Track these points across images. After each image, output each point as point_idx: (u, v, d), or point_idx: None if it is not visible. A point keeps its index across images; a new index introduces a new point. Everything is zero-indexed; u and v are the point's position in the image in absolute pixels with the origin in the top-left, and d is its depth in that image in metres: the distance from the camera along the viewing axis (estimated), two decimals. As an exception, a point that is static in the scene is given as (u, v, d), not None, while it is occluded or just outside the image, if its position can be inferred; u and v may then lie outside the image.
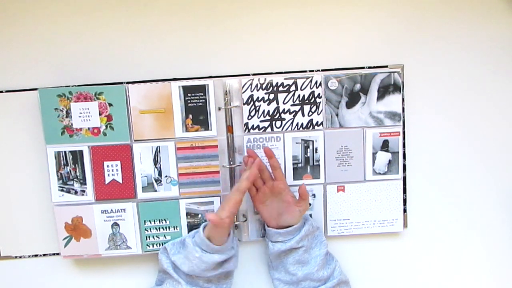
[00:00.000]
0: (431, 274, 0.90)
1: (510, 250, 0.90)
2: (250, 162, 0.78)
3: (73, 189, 0.81)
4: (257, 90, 0.82)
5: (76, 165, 0.81)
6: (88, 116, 0.80)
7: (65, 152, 0.81)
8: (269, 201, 0.81)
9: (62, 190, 0.81)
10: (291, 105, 0.82)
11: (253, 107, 0.82)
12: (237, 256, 0.82)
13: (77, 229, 0.82)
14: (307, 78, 0.82)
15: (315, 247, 0.81)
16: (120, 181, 0.82)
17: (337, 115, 0.83)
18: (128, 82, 0.82)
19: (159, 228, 0.83)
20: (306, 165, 0.84)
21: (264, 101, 0.82)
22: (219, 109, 0.81)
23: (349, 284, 0.83)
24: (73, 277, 0.87)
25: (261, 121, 0.82)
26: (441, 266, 0.90)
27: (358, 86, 0.82)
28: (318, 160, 0.84)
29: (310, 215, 0.85)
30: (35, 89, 0.80)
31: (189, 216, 0.83)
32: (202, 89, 0.80)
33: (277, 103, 0.82)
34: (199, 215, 0.83)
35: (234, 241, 0.81)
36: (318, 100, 0.82)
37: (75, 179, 0.81)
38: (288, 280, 0.81)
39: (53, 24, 0.81)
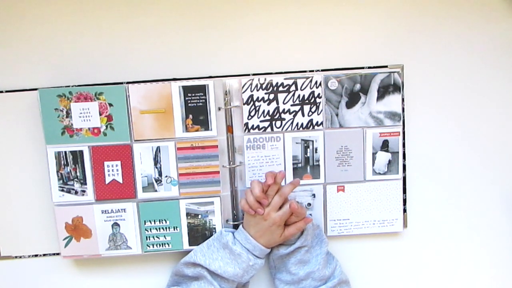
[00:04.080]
0: (431, 274, 0.90)
1: (510, 250, 0.90)
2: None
3: (73, 189, 0.81)
4: (257, 90, 0.82)
5: (77, 165, 0.81)
6: (88, 116, 0.80)
7: (65, 152, 0.81)
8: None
9: (62, 190, 0.81)
10: (291, 105, 0.82)
11: (253, 107, 0.82)
12: None
13: (77, 229, 0.82)
14: (307, 78, 0.82)
15: (316, 245, 0.82)
16: (121, 181, 0.82)
17: (337, 115, 0.83)
18: (128, 82, 0.82)
19: (159, 228, 0.83)
20: (306, 165, 0.84)
21: (264, 101, 0.82)
22: (219, 109, 0.81)
23: (349, 284, 0.84)
24: (73, 277, 0.87)
25: (261, 121, 0.82)
26: (441, 266, 0.90)
27: (358, 86, 0.82)
28: (318, 160, 0.84)
29: (310, 215, 0.85)
30: (35, 89, 0.80)
31: (189, 216, 0.83)
32: (202, 89, 0.80)
33: (277, 103, 0.82)
34: (199, 215, 0.83)
35: None
36: (318, 100, 0.82)
37: (76, 179, 0.81)
38: (289, 280, 0.81)
39: (53, 24, 0.81)
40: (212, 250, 0.79)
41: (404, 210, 0.87)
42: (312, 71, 0.83)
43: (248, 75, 0.83)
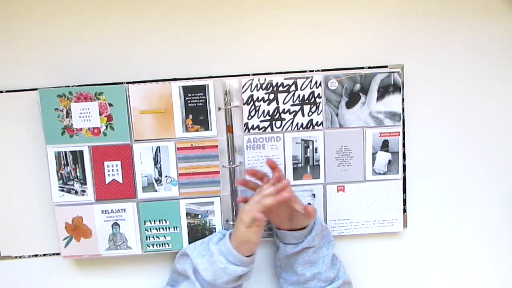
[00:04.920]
0: (431, 274, 0.90)
1: (510, 250, 0.90)
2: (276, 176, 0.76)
3: (73, 189, 0.81)
4: (257, 90, 0.82)
5: (77, 165, 0.81)
6: (88, 116, 0.80)
7: (65, 152, 0.81)
8: (276, 209, 0.77)
9: (62, 190, 0.81)
10: (291, 105, 0.82)
11: (253, 107, 0.82)
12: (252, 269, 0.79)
13: (77, 229, 0.82)
14: (307, 78, 0.82)
15: (323, 246, 0.81)
16: (121, 181, 0.82)
17: (337, 115, 0.83)
18: (128, 82, 0.82)
19: (159, 228, 0.83)
20: (306, 165, 0.84)
21: (264, 101, 0.82)
22: (219, 109, 0.81)
23: (351, 285, 0.83)
24: (73, 277, 0.87)
25: (261, 121, 0.82)
26: (441, 266, 0.90)
27: (358, 86, 0.82)
28: (318, 160, 0.84)
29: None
30: (35, 89, 0.80)
31: (189, 216, 0.83)
32: (202, 89, 0.80)
33: (277, 103, 0.82)
34: (199, 216, 0.83)
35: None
36: (318, 100, 0.82)
37: (76, 179, 0.81)
38: (295, 280, 0.81)
39: (53, 24, 0.81)
40: (203, 247, 0.79)
41: (404, 210, 0.87)
42: (312, 71, 0.83)
43: (248, 75, 0.83)
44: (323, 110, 0.83)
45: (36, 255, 0.86)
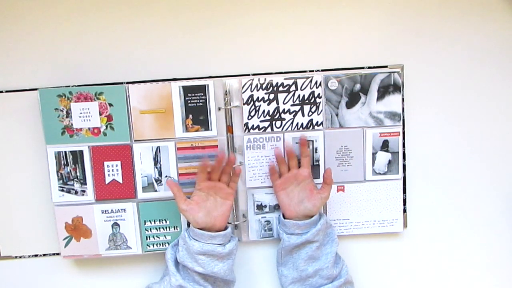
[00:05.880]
0: (431, 274, 0.90)
1: (510, 250, 0.90)
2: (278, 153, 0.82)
3: (73, 189, 0.81)
4: (257, 90, 0.82)
5: (76, 165, 0.81)
6: (88, 116, 0.80)
7: (65, 152, 0.81)
8: (290, 188, 0.81)
9: (62, 190, 0.81)
10: (291, 105, 0.82)
11: (253, 107, 0.82)
12: (234, 262, 0.81)
13: (77, 229, 0.82)
14: (307, 78, 0.82)
15: (327, 244, 0.82)
16: (120, 181, 0.82)
17: (337, 115, 0.83)
18: (128, 82, 0.82)
19: (159, 228, 0.83)
20: (306, 165, 0.84)
21: (264, 101, 0.82)
22: (219, 109, 0.81)
23: (353, 284, 0.83)
24: (73, 277, 0.87)
25: (261, 121, 0.82)
26: (441, 266, 0.90)
27: (358, 86, 0.82)
28: (318, 160, 0.84)
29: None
30: (35, 89, 0.80)
31: (189, 216, 0.83)
32: (202, 89, 0.80)
33: (277, 103, 0.82)
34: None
35: (232, 240, 0.81)
36: (318, 100, 0.82)
37: (75, 179, 0.81)
38: (296, 276, 0.81)
39: (53, 24, 0.81)
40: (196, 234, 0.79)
41: (404, 210, 0.87)
42: (312, 71, 0.83)
43: (248, 75, 0.83)
44: (323, 110, 0.83)
45: (36, 255, 0.86)
